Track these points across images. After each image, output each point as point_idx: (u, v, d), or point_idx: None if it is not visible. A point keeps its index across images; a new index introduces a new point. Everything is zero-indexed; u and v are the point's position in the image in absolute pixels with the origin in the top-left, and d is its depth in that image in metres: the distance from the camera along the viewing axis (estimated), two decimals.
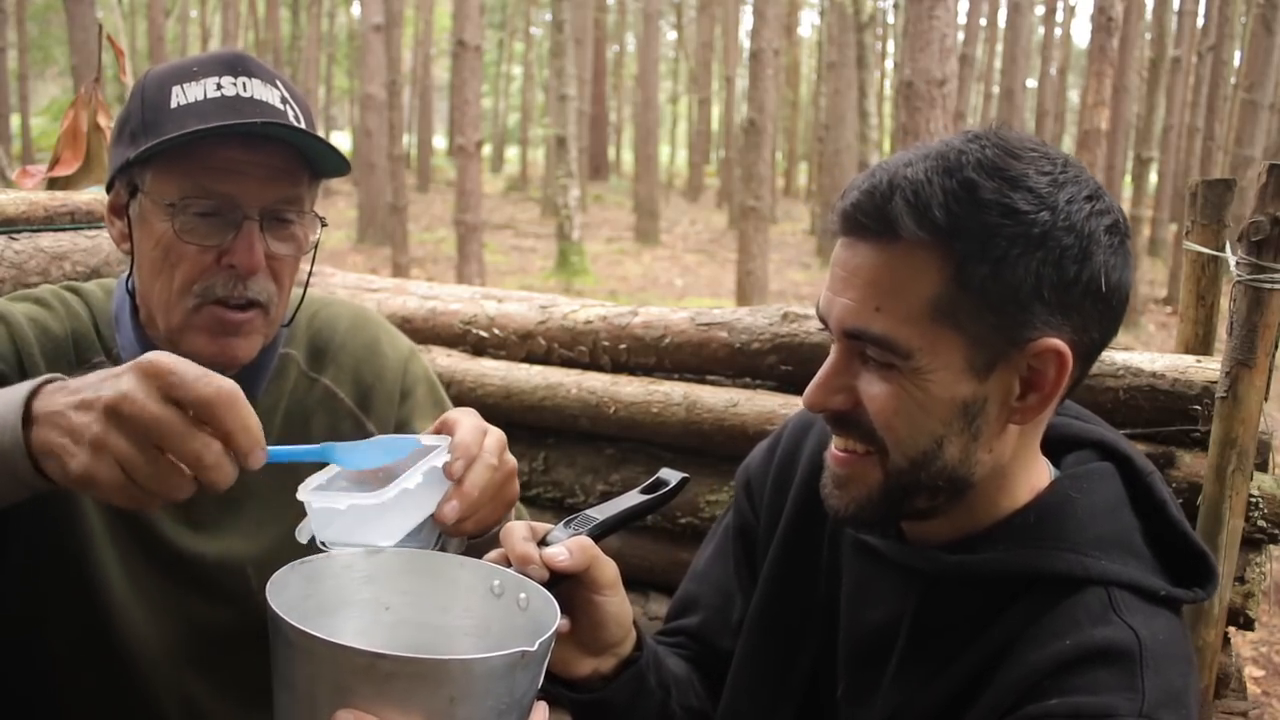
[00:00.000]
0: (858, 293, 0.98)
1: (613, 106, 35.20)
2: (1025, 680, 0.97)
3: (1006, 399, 1.00)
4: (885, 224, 0.96)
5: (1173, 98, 17.36)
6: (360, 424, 1.50)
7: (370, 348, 1.52)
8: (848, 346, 1.01)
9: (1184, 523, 1.08)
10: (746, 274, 11.54)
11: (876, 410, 0.99)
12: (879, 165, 1.01)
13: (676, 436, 1.99)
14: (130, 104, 1.29)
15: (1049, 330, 0.97)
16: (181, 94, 1.24)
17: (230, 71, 1.26)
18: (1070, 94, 32.78)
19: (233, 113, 1.23)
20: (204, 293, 1.26)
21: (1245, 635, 2.42)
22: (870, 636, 1.13)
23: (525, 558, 1.02)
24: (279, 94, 1.28)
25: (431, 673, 0.84)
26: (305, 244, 1.32)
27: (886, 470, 1.01)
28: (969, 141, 0.98)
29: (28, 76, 23.05)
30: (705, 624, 1.33)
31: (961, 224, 0.94)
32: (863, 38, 12.60)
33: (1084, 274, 0.96)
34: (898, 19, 19.27)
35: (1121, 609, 0.99)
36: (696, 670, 1.31)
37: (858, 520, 1.08)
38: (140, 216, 1.27)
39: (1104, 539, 1.03)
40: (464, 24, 12.63)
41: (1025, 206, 0.94)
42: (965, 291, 0.95)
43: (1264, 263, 1.40)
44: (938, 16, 6.73)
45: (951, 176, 0.95)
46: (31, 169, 2.30)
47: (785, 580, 1.24)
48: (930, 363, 0.97)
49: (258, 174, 1.24)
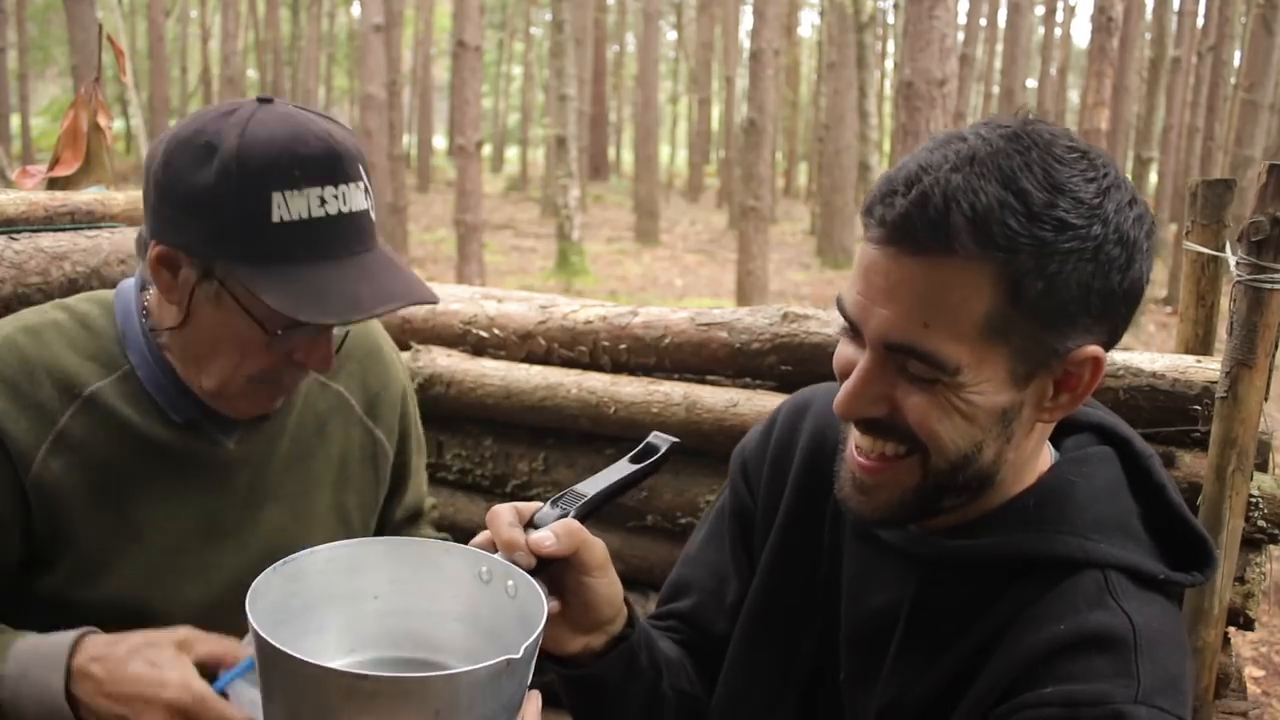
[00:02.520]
0: (903, 307, 0.95)
1: (613, 106, 35.18)
2: (1020, 664, 0.97)
3: (1040, 401, 1.00)
4: (941, 239, 0.91)
5: (1173, 98, 17.36)
6: (369, 430, 1.53)
7: (374, 355, 1.55)
8: (886, 357, 0.98)
9: (1183, 506, 1.09)
10: (746, 274, 11.54)
11: (917, 420, 0.98)
12: (918, 166, 0.94)
13: (676, 436, 1.99)
14: (218, 185, 1.17)
15: (1089, 338, 0.97)
16: (284, 206, 1.17)
17: (331, 179, 1.20)
18: (1070, 94, 32.74)
19: (338, 241, 1.21)
20: (264, 377, 1.29)
21: (1245, 635, 2.42)
22: (871, 621, 1.13)
23: (511, 544, 1.00)
24: (362, 185, 1.26)
25: (416, 690, 0.84)
26: None
27: (926, 471, 1.00)
28: (1008, 140, 0.94)
29: (28, 76, 23.05)
30: (698, 607, 1.32)
31: (1019, 241, 0.91)
32: (863, 38, 12.60)
33: (1126, 282, 0.96)
34: (898, 19, 19.25)
35: (1117, 593, 0.99)
36: (689, 655, 1.30)
37: (884, 523, 1.07)
38: (216, 303, 1.23)
39: (1103, 522, 1.03)
40: (464, 24, 12.64)
41: (1078, 221, 0.92)
42: (1017, 307, 0.93)
43: (1264, 263, 1.40)
44: (938, 16, 6.72)
45: (1006, 188, 0.91)
46: (31, 169, 2.30)
47: (786, 563, 1.23)
48: (975, 376, 0.95)
49: None
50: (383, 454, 1.55)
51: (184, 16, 29.86)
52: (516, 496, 2.18)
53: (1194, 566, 1.06)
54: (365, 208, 1.26)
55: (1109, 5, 10.51)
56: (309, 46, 27.28)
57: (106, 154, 2.26)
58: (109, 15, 3.01)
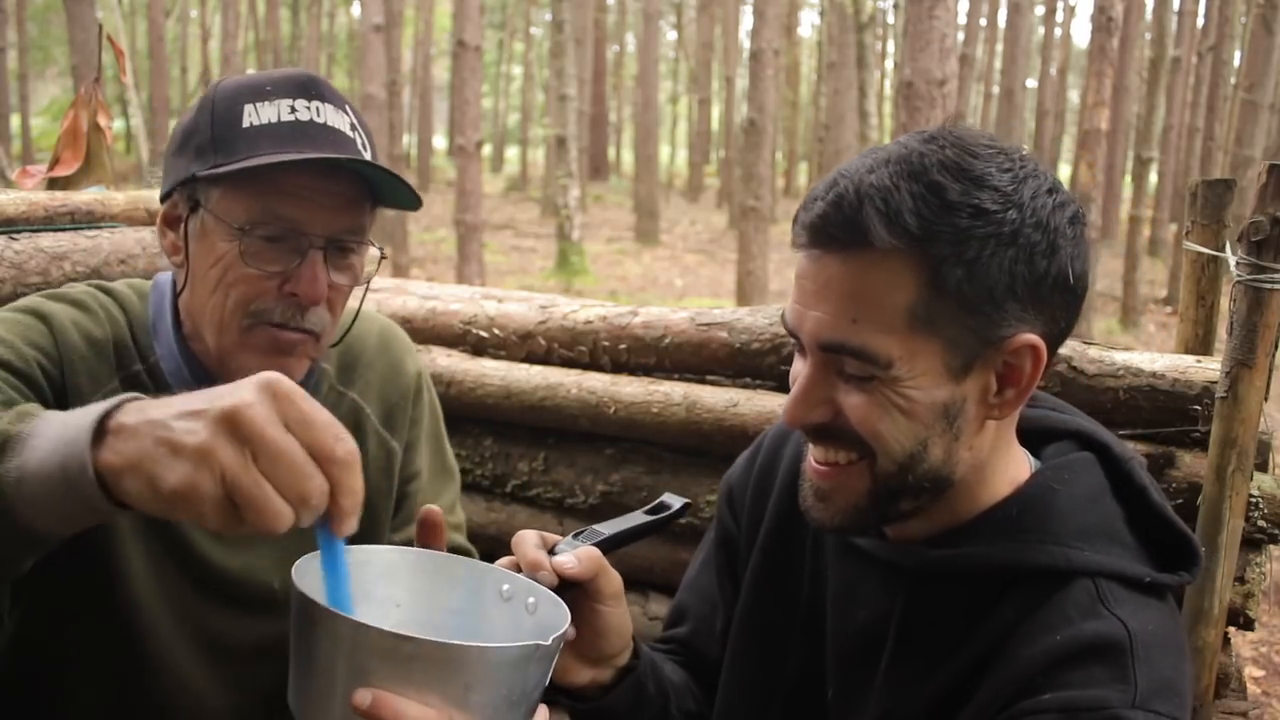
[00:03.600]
0: (832, 305, 0.97)
1: (613, 106, 35.18)
2: (1018, 677, 0.97)
3: (985, 396, 1.00)
4: (857, 234, 0.94)
5: (1173, 98, 17.35)
6: (385, 443, 1.50)
7: (396, 367, 1.53)
8: (823, 359, 1.00)
9: (1165, 507, 1.09)
10: (746, 274, 11.54)
11: (859, 419, 0.99)
12: (838, 173, 0.99)
13: (676, 436, 1.99)
14: (198, 116, 1.26)
15: (1023, 326, 0.98)
16: (254, 113, 1.23)
17: (304, 94, 1.25)
18: (1070, 94, 32.77)
19: (307, 140, 1.22)
20: (259, 314, 1.25)
21: (1245, 635, 2.42)
22: (859, 637, 1.13)
23: (536, 563, 1.03)
24: (349, 120, 1.28)
25: (451, 658, 0.86)
26: (361, 274, 1.32)
27: (875, 475, 1.01)
28: (926, 143, 0.97)
29: (28, 76, 23.06)
30: (694, 633, 1.35)
31: (933, 228, 0.93)
32: (863, 38, 12.60)
33: (1053, 268, 0.97)
34: (898, 19, 19.25)
35: (1110, 601, 0.99)
36: (692, 676, 1.33)
37: (844, 529, 1.08)
38: (201, 233, 1.26)
39: (1087, 529, 1.03)
40: (464, 24, 12.64)
41: (993, 206, 0.94)
42: (941, 296, 0.95)
43: (1264, 263, 1.40)
44: (938, 16, 6.72)
45: (918, 180, 0.94)
46: (31, 169, 2.30)
47: (768, 587, 1.24)
48: (909, 370, 0.97)
49: (327, 203, 1.24)
50: (395, 465, 1.52)
51: (184, 16, 29.86)
52: (516, 496, 2.19)
53: (1180, 567, 1.06)
54: (346, 130, 1.25)
55: (1109, 5, 10.50)
56: (309, 46, 27.28)
57: (106, 154, 2.27)
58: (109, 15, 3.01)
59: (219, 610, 1.36)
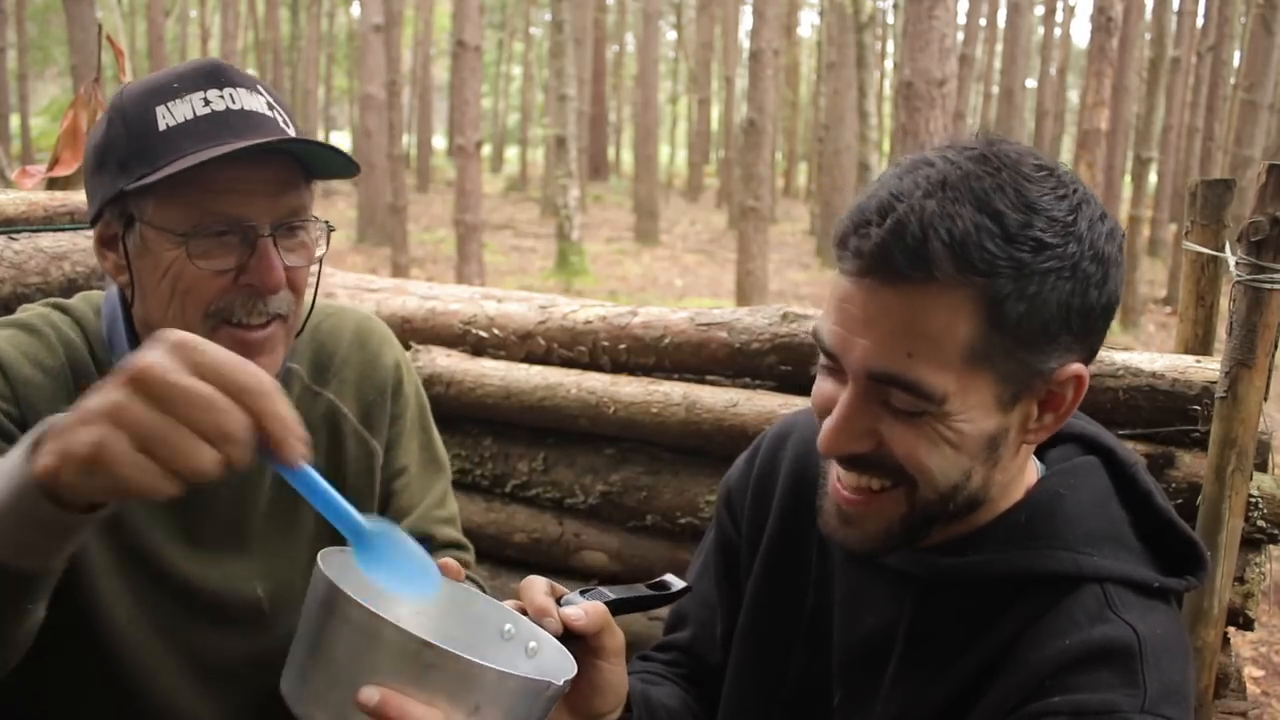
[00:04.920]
0: (884, 337, 0.93)
1: (613, 106, 35.19)
2: (1027, 681, 0.97)
3: (1026, 423, 0.99)
4: (922, 268, 0.90)
5: (1172, 98, 17.35)
6: (364, 442, 1.47)
7: (372, 362, 1.49)
8: (868, 388, 0.96)
9: (1170, 511, 1.09)
10: (746, 274, 11.54)
11: (906, 453, 0.96)
12: (890, 194, 0.93)
13: (676, 436, 1.99)
14: (109, 130, 1.22)
15: (1071, 356, 0.96)
16: (168, 114, 1.18)
17: (214, 83, 1.20)
18: (1070, 94, 32.77)
19: (228, 129, 1.18)
20: (220, 313, 1.21)
21: (1245, 635, 2.42)
22: (866, 643, 1.12)
23: (544, 609, 1.01)
24: (264, 100, 1.24)
25: (469, 674, 0.84)
26: (314, 250, 1.29)
27: (913, 502, 0.99)
28: (977, 163, 0.93)
29: (27, 76, 23.04)
30: (695, 639, 1.34)
31: (998, 264, 0.90)
32: (862, 38, 12.60)
33: (1103, 297, 0.95)
34: (897, 19, 19.24)
35: (1118, 606, 0.99)
36: (692, 688, 1.32)
37: (874, 553, 1.06)
38: (142, 248, 1.21)
39: (1094, 534, 1.03)
40: (464, 24, 12.63)
41: (1054, 240, 0.91)
42: (999, 331, 0.92)
43: (1264, 263, 1.40)
44: (937, 16, 6.72)
45: (981, 211, 0.90)
46: (31, 169, 2.30)
47: (772, 593, 1.24)
48: (962, 405, 0.94)
49: (264, 190, 1.20)
50: (377, 465, 1.48)
51: (184, 16, 29.85)
52: (516, 497, 2.19)
53: (1186, 570, 1.06)
54: (264, 111, 1.22)
55: (1109, 5, 10.51)
56: (309, 46, 27.28)
57: None
58: (109, 15, 3.01)
59: (204, 630, 1.34)
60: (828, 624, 1.18)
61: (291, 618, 1.34)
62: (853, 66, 14.73)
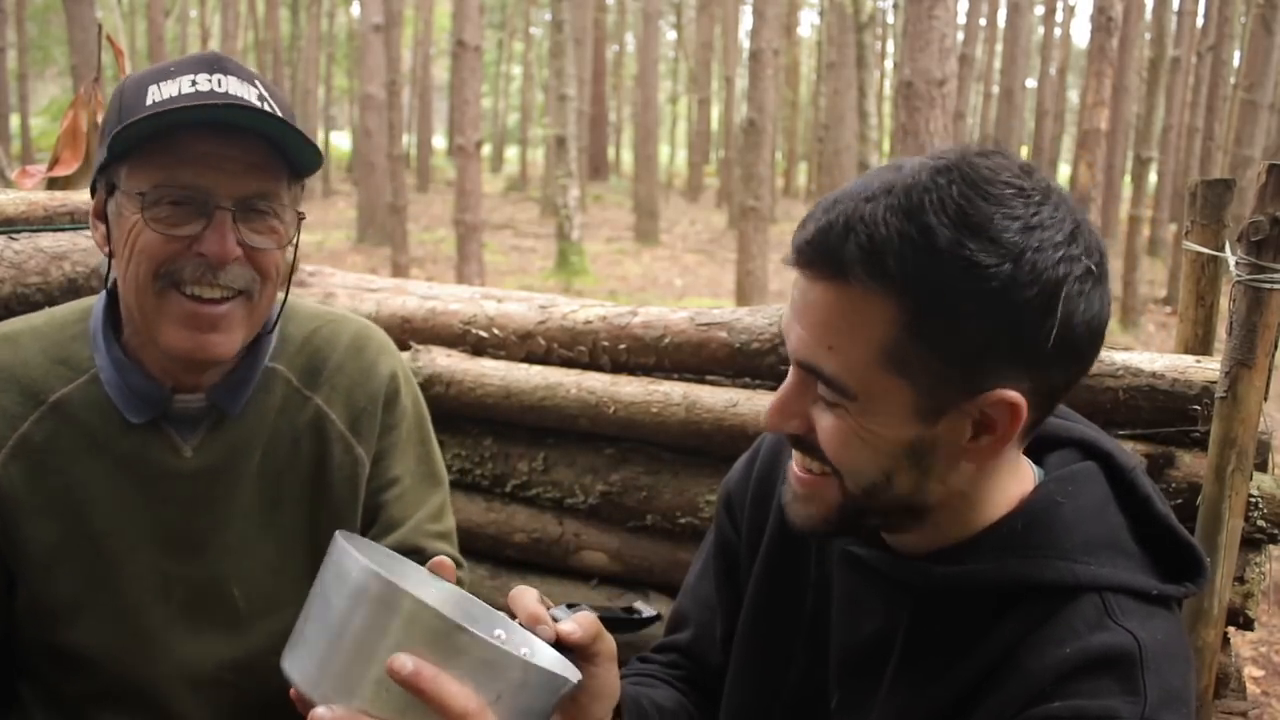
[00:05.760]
0: (811, 328, 0.97)
1: (613, 106, 35.18)
2: (1027, 688, 0.97)
3: (958, 440, 0.98)
4: (837, 267, 0.92)
5: (1172, 98, 17.35)
6: (350, 448, 1.45)
7: (367, 371, 1.48)
8: (803, 375, 1.00)
9: (1170, 516, 1.08)
10: (746, 274, 11.53)
11: (825, 441, 0.99)
12: (843, 194, 0.95)
13: (676, 436, 1.99)
14: (110, 108, 1.29)
15: (1004, 382, 0.93)
16: (157, 91, 1.23)
17: (206, 69, 1.25)
18: (1070, 94, 32.77)
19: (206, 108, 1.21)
20: (169, 275, 1.24)
21: (1245, 635, 2.43)
22: (864, 648, 1.12)
23: (537, 617, 1.01)
24: (256, 91, 1.27)
25: (498, 662, 0.85)
26: (285, 237, 1.30)
27: (844, 493, 1.02)
28: (937, 174, 0.91)
29: (28, 76, 23.04)
30: (695, 641, 1.34)
31: (916, 277, 0.89)
32: (862, 38, 12.59)
33: (1046, 325, 0.91)
34: (897, 19, 19.25)
35: (1117, 614, 0.99)
36: (691, 691, 1.32)
37: (815, 533, 1.09)
38: (116, 212, 1.26)
39: (1093, 542, 1.03)
40: (464, 24, 12.63)
41: (986, 260, 0.88)
42: (917, 341, 0.91)
43: (1264, 263, 1.40)
44: (937, 16, 6.72)
45: (910, 221, 0.89)
46: (31, 169, 2.30)
47: (771, 595, 1.24)
48: (875, 406, 0.96)
49: (231, 167, 1.23)
50: (363, 474, 1.46)
51: (184, 16, 29.84)
52: (516, 496, 2.19)
53: (1185, 576, 1.06)
54: (251, 100, 1.24)
55: (1109, 5, 10.50)
56: (309, 46, 27.28)
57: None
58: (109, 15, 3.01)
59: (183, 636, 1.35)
60: (826, 627, 1.18)
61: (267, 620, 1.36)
62: (853, 66, 14.73)
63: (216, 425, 1.37)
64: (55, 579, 1.31)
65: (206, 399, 1.36)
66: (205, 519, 1.36)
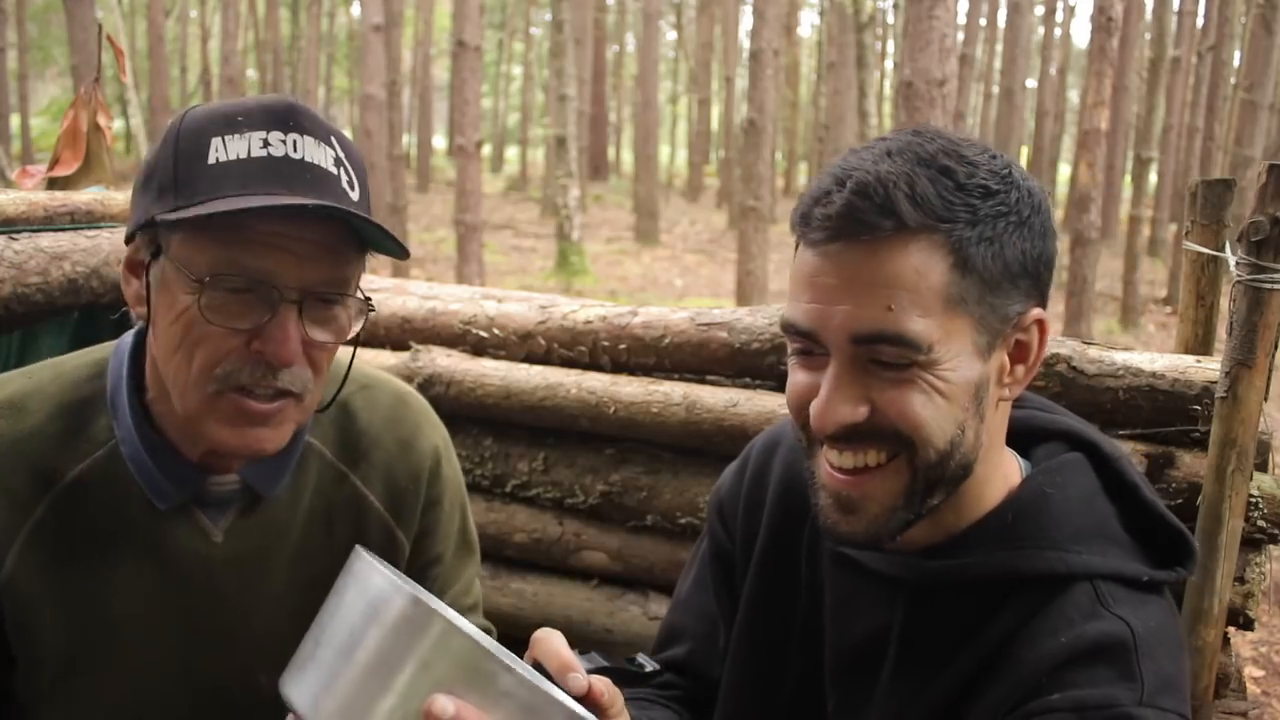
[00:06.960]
0: (863, 296, 0.95)
1: (613, 106, 35.18)
2: (1024, 680, 0.97)
3: (1001, 375, 1.02)
4: (889, 218, 0.93)
5: (1172, 98, 17.35)
6: (390, 533, 1.35)
7: (407, 444, 1.36)
8: (854, 354, 0.96)
9: (1158, 503, 1.09)
10: (746, 274, 11.54)
11: (900, 411, 0.96)
12: (842, 168, 0.97)
13: (676, 436, 1.99)
14: (162, 150, 1.11)
15: (1030, 302, 1.01)
16: (222, 148, 1.07)
17: (280, 126, 1.09)
18: (1070, 94, 32.79)
19: (279, 179, 1.07)
20: (226, 378, 1.10)
21: (1245, 635, 2.43)
22: (858, 648, 1.12)
23: (568, 665, 0.96)
24: (332, 154, 1.12)
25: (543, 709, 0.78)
26: (348, 329, 1.16)
27: (914, 468, 0.99)
28: (916, 136, 0.99)
29: (28, 76, 23.06)
30: (693, 654, 1.32)
31: (956, 210, 0.95)
32: (862, 38, 12.59)
33: (1049, 246, 1.01)
34: (898, 19, 19.26)
35: (1110, 602, 1.00)
36: (686, 711, 1.29)
37: (875, 539, 1.03)
38: (162, 283, 1.11)
39: (1082, 531, 1.03)
40: (464, 24, 12.63)
41: (997, 187, 0.97)
42: (968, 275, 0.96)
43: (1264, 263, 1.40)
44: (937, 16, 6.72)
45: (929, 166, 0.96)
46: (31, 169, 2.30)
47: (765, 601, 1.23)
48: (947, 351, 0.96)
49: (301, 251, 1.08)
50: (402, 558, 1.37)
51: (184, 16, 29.88)
52: (516, 496, 2.19)
53: (1176, 562, 1.06)
54: (327, 166, 1.10)
55: (1109, 5, 10.50)
56: (309, 46, 27.28)
57: (106, 154, 2.27)
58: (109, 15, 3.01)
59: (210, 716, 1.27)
60: (820, 630, 1.17)
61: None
62: (853, 66, 14.73)
63: (249, 507, 1.25)
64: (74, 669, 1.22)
65: (240, 480, 1.24)
66: (233, 606, 1.26)
